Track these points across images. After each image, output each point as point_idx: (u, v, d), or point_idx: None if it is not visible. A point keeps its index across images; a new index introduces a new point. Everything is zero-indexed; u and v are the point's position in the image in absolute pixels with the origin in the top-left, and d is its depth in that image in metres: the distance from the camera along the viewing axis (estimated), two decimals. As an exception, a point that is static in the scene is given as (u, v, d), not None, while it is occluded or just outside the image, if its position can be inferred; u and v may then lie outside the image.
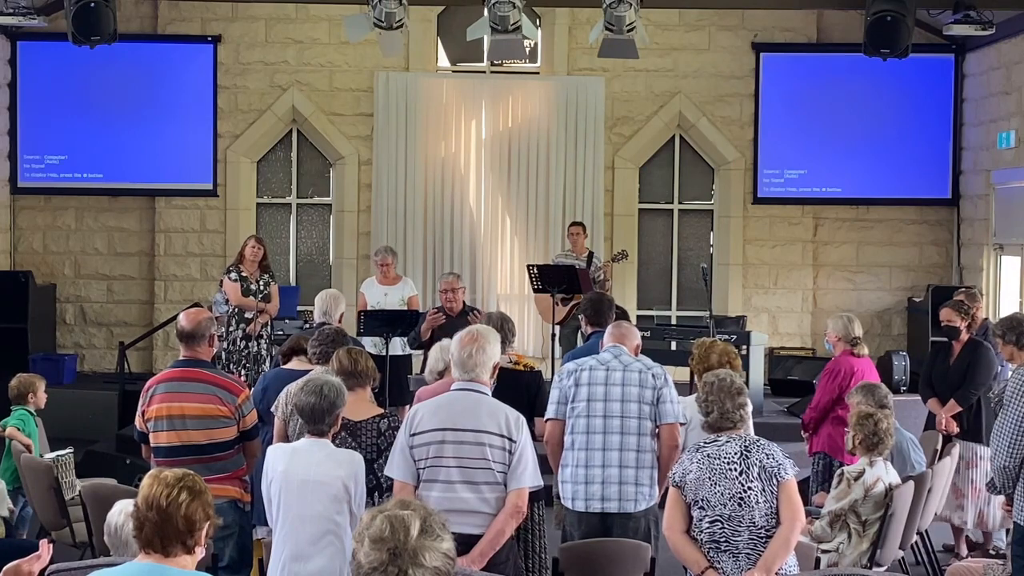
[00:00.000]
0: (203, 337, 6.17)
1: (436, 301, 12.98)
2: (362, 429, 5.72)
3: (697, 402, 5.26)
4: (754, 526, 4.95)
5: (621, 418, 5.92)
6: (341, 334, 6.89)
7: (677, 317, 14.18)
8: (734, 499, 4.94)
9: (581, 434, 5.93)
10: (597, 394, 5.94)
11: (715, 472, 4.98)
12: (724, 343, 6.93)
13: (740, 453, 4.99)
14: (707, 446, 5.08)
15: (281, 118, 13.99)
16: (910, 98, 13.78)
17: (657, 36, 13.32)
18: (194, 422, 6.00)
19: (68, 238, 14.01)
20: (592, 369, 6.00)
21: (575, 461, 5.94)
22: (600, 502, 5.90)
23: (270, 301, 10.57)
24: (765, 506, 4.95)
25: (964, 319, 8.38)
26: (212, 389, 6.04)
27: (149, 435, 6.11)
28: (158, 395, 6.09)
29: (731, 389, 5.14)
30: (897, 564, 6.97)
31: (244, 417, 6.06)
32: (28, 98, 13.67)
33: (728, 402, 5.11)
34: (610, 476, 5.89)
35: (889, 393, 7.20)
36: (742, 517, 4.94)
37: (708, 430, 5.16)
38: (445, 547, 2.95)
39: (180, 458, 5.85)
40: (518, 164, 13.82)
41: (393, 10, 10.21)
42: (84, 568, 4.47)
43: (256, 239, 10.87)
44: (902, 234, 14.11)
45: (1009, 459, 5.49)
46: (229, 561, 5.98)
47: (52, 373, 12.67)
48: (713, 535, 4.98)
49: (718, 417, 5.11)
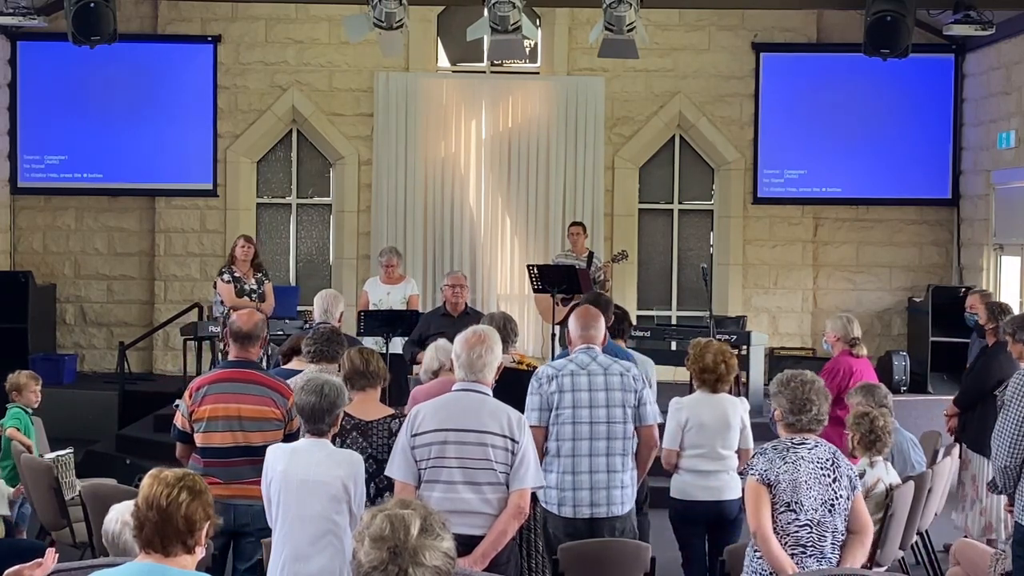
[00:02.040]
0: (258, 338, 6.16)
1: (436, 301, 13.01)
2: (373, 429, 5.72)
3: (783, 398, 5.05)
4: (836, 532, 4.94)
5: (607, 424, 5.92)
6: (336, 333, 6.86)
7: (677, 317, 14.18)
8: (826, 505, 4.91)
9: (567, 440, 5.91)
10: (582, 400, 5.91)
11: (811, 476, 4.92)
12: (720, 343, 6.93)
13: (831, 460, 4.96)
14: (798, 448, 4.97)
15: (281, 118, 13.99)
16: (910, 98, 13.78)
17: (657, 36, 13.32)
18: (251, 424, 5.95)
19: (68, 238, 14.01)
20: (574, 375, 5.95)
21: (561, 468, 5.92)
22: (589, 507, 5.90)
23: (265, 300, 10.57)
24: (845, 514, 4.96)
25: (991, 321, 8.35)
26: (267, 391, 6.01)
27: (194, 435, 6.03)
28: (211, 395, 6.00)
29: (826, 392, 5.08)
30: (897, 564, 6.97)
31: (291, 420, 6.01)
32: (28, 98, 13.66)
33: (824, 403, 5.04)
34: (598, 482, 5.90)
35: (889, 393, 7.21)
36: (829, 523, 4.92)
37: (794, 430, 5.03)
38: (445, 546, 2.95)
39: (234, 459, 5.85)
40: (518, 164, 13.82)
41: (393, 10, 10.21)
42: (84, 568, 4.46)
43: (245, 238, 10.87)
44: (902, 234, 14.11)
45: (1010, 459, 5.49)
46: (255, 563, 5.95)
47: (52, 373, 12.68)
48: (800, 539, 4.91)
49: (812, 418, 5.01)
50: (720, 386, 6.65)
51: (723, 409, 6.63)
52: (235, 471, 5.89)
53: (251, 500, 5.65)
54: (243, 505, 5.83)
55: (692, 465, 6.58)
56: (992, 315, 8.38)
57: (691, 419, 6.58)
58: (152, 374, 13.76)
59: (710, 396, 6.63)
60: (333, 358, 6.65)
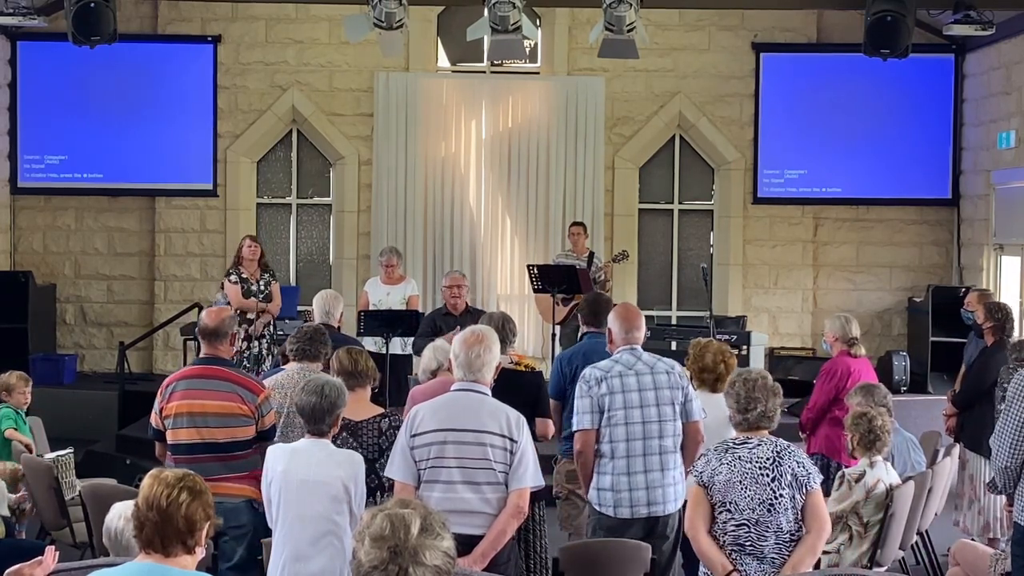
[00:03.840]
0: (225, 335, 6.16)
1: (436, 302, 13.02)
2: (363, 429, 5.72)
3: (730, 398, 5.11)
4: (780, 531, 4.92)
5: (659, 422, 5.94)
6: (320, 332, 6.80)
7: (677, 317, 14.17)
8: (764, 504, 4.89)
9: (621, 442, 5.91)
10: (632, 401, 5.93)
11: (746, 476, 4.91)
12: (719, 343, 6.94)
13: (772, 459, 4.93)
14: (738, 447, 4.99)
15: (281, 118, 13.99)
16: (910, 98, 13.77)
17: (657, 36, 13.32)
18: (215, 419, 5.96)
19: (68, 238, 14.01)
20: (623, 376, 5.96)
21: (616, 469, 5.91)
22: (646, 507, 5.91)
23: (271, 300, 10.56)
24: (792, 513, 4.92)
25: (989, 320, 8.36)
26: (234, 387, 6.01)
27: (166, 432, 6.06)
28: (178, 392, 6.04)
29: (773, 387, 5.07)
30: (897, 564, 6.98)
31: (263, 417, 6.02)
32: (28, 98, 13.66)
33: (771, 401, 5.03)
34: (654, 480, 5.91)
35: (888, 393, 7.21)
36: (770, 523, 4.90)
37: (741, 429, 5.06)
38: (445, 546, 2.95)
39: (199, 455, 5.83)
40: (518, 164, 13.82)
41: (393, 10, 10.21)
42: (84, 568, 4.46)
43: (251, 238, 10.87)
44: (902, 234, 14.11)
45: (1010, 459, 5.49)
46: (239, 560, 5.95)
47: (52, 373, 12.71)
48: (738, 538, 4.92)
49: (759, 416, 5.01)
50: (720, 386, 6.64)
51: (722, 409, 6.59)
52: (202, 467, 5.83)
53: (221, 497, 5.64)
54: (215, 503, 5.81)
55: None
56: (990, 315, 8.38)
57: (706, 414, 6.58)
58: (152, 374, 13.74)
59: (710, 396, 6.63)
60: (316, 357, 6.64)
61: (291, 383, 6.30)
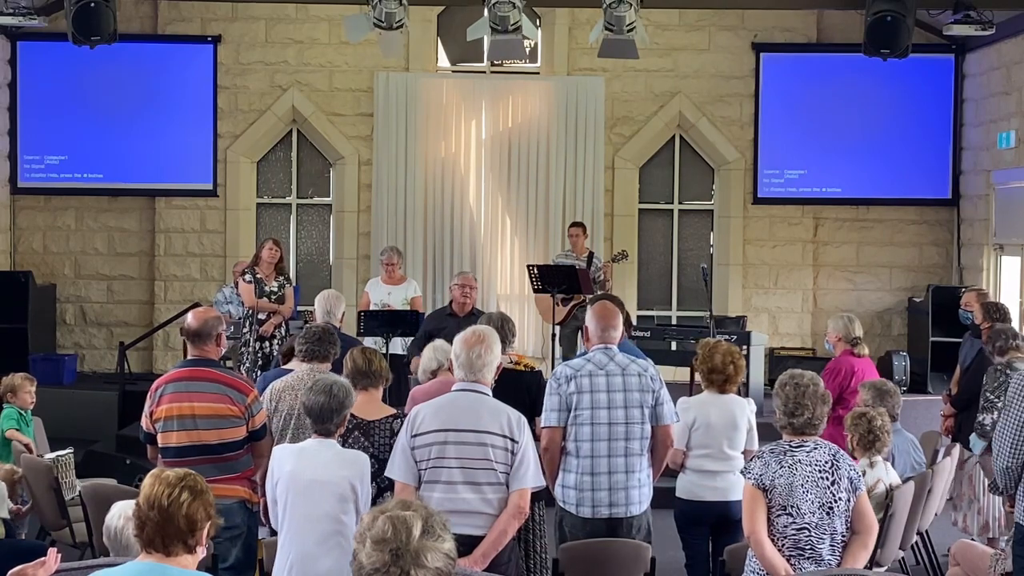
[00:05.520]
0: (210, 336, 6.11)
1: (437, 302, 13.03)
2: (375, 429, 5.72)
3: (778, 399, 5.07)
4: (835, 534, 4.93)
5: (625, 424, 5.90)
6: (328, 332, 6.80)
7: (677, 317, 14.18)
8: (824, 507, 4.89)
9: (586, 441, 5.89)
10: (600, 401, 5.90)
11: (808, 479, 4.90)
12: (729, 344, 6.92)
13: (830, 462, 4.94)
14: (795, 451, 4.97)
15: (281, 118, 13.98)
16: (910, 98, 13.77)
17: (657, 36, 13.32)
18: (205, 422, 5.92)
19: (68, 238, 14.00)
20: (592, 375, 5.93)
21: (580, 468, 5.90)
22: (608, 508, 5.89)
23: (284, 303, 10.59)
24: (845, 516, 4.95)
25: (987, 320, 8.35)
26: (222, 388, 5.98)
27: (157, 435, 6.04)
28: (167, 395, 5.99)
29: (824, 395, 5.06)
30: (897, 564, 6.98)
31: (253, 417, 5.99)
32: (28, 98, 13.66)
33: (819, 408, 5.01)
34: (617, 482, 5.89)
35: (900, 402, 7.20)
36: (827, 526, 4.91)
37: (787, 432, 5.05)
38: (446, 547, 2.95)
39: (190, 458, 5.80)
40: (518, 164, 13.82)
41: (393, 10, 10.21)
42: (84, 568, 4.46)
43: (274, 241, 10.85)
44: (902, 234, 14.11)
45: (1011, 460, 5.49)
46: (235, 561, 5.93)
47: (52, 373, 12.70)
48: (798, 542, 4.91)
49: (805, 422, 5.00)
50: (728, 387, 6.65)
51: (730, 410, 6.62)
52: (194, 470, 5.87)
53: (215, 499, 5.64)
54: None
55: (698, 465, 6.59)
56: (988, 315, 8.38)
57: (698, 419, 6.58)
58: (152, 374, 13.69)
59: (718, 396, 6.63)
60: (325, 357, 6.63)
61: (302, 385, 6.28)
